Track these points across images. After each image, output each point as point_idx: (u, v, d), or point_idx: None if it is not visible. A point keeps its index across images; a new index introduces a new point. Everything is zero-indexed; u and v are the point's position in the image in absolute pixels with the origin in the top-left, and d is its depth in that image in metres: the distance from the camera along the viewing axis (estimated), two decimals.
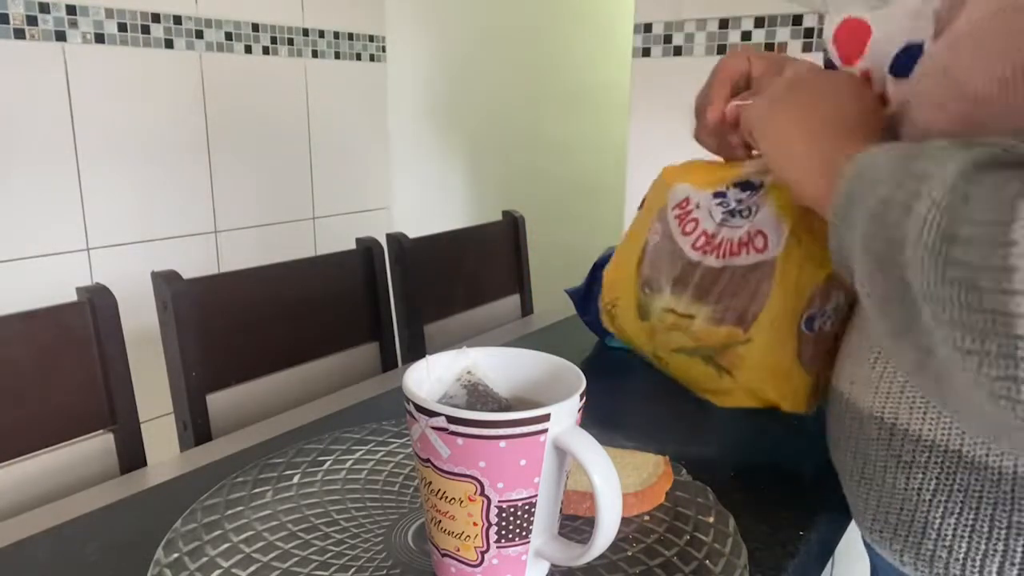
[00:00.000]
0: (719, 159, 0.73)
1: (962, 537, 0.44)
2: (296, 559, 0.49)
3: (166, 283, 0.86)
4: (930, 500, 0.46)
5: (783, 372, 0.63)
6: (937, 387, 0.38)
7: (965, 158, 0.36)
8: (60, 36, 1.54)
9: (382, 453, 0.64)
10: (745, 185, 0.66)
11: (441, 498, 0.43)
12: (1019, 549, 0.42)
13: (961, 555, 0.44)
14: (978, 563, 0.43)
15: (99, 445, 0.79)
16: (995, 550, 0.43)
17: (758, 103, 0.56)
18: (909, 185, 0.37)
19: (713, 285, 0.66)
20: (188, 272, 0.89)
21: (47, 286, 1.58)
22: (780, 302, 0.62)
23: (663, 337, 0.69)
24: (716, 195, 0.67)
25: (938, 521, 0.45)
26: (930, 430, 0.46)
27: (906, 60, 0.55)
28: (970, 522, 0.44)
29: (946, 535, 0.45)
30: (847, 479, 0.54)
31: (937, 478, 0.45)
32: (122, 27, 1.64)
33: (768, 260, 0.63)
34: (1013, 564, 0.42)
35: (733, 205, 0.66)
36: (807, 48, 1.45)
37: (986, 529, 0.43)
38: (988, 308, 0.32)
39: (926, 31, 0.54)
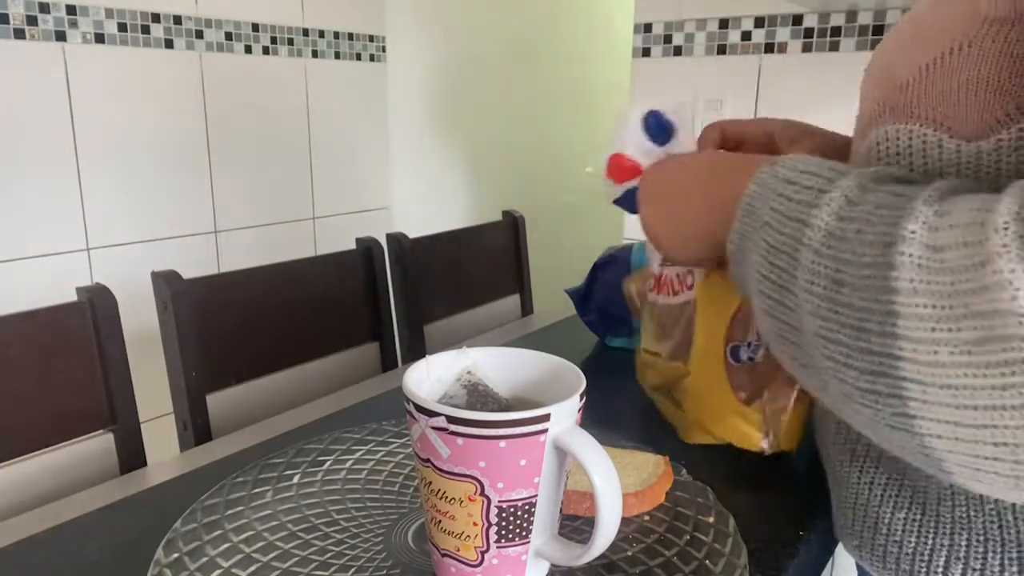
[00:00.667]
0: None
1: (910, 532, 0.45)
2: (296, 559, 0.49)
3: (166, 283, 0.86)
4: (881, 495, 0.46)
5: (720, 405, 0.64)
6: (838, 410, 0.39)
7: (837, 196, 0.36)
8: (60, 36, 1.54)
9: (382, 453, 0.64)
10: None
11: (441, 498, 0.43)
12: (963, 544, 0.42)
13: (910, 550, 0.45)
14: (926, 558, 0.44)
15: (99, 445, 0.79)
16: (942, 545, 0.43)
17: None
18: (788, 228, 0.38)
19: (666, 322, 0.69)
20: (188, 272, 0.89)
21: (47, 286, 1.58)
22: (703, 334, 0.65)
23: (648, 376, 0.74)
24: None
25: (888, 516, 0.46)
26: None
27: (655, 123, 0.62)
28: (918, 517, 0.44)
29: (896, 530, 0.45)
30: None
31: (888, 474, 0.46)
32: (122, 27, 1.64)
33: (693, 296, 0.66)
34: (959, 559, 0.42)
35: None
36: (807, 48, 1.45)
37: (933, 524, 0.43)
38: (876, 351, 0.33)
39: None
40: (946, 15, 0.39)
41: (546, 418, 0.41)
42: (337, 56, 2.11)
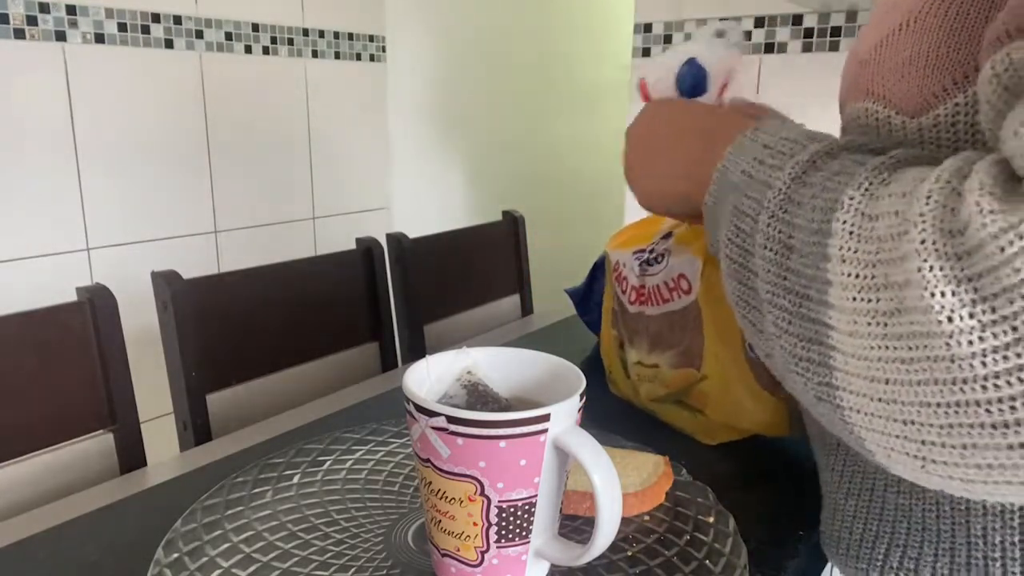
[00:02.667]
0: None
1: (859, 519, 0.45)
2: (296, 559, 0.49)
3: (166, 283, 0.86)
4: (839, 480, 0.47)
5: (749, 401, 0.64)
6: (781, 378, 0.39)
7: (800, 161, 0.36)
8: (60, 36, 1.54)
9: (382, 453, 0.64)
10: (667, 236, 0.70)
11: (441, 498, 0.43)
12: (903, 532, 0.43)
13: (857, 536, 0.45)
14: (870, 544, 0.45)
15: (99, 445, 0.79)
16: (884, 532, 0.44)
17: (625, 154, 0.57)
18: (754, 192, 0.38)
19: (660, 333, 0.68)
20: (188, 272, 0.89)
21: (47, 286, 1.58)
22: (714, 337, 0.64)
23: (644, 389, 0.72)
24: (636, 252, 0.72)
25: (842, 501, 0.47)
26: None
27: (691, 78, 0.59)
28: (865, 504, 0.45)
29: (847, 516, 0.46)
30: None
31: (844, 460, 0.47)
32: (122, 27, 1.64)
33: (694, 300, 0.65)
34: (898, 546, 0.43)
35: (646, 256, 0.70)
36: (807, 48, 1.45)
37: (878, 511, 0.44)
38: (813, 317, 0.33)
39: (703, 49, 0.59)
40: None
41: (546, 418, 0.41)
42: (337, 56, 2.11)
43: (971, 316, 0.26)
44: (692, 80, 0.60)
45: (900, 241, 0.29)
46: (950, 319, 0.27)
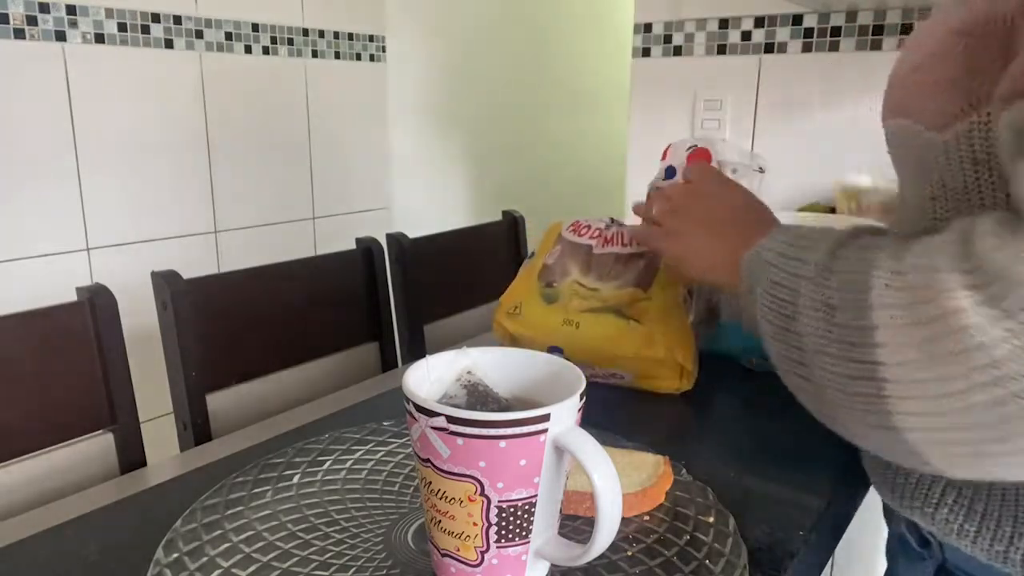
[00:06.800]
0: None
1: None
2: (296, 559, 0.49)
3: (166, 283, 0.86)
4: None
5: (680, 328, 0.77)
6: (831, 419, 0.45)
7: (829, 243, 0.45)
8: (60, 36, 1.54)
9: (382, 453, 0.64)
10: None
11: (441, 498, 0.43)
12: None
13: (914, 480, 0.50)
14: (926, 486, 0.50)
15: (99, 445, 0.79)
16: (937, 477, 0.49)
17: (657, 233, 0.68)
18: (790, 267, 0.47)
19: (615, 267, 0.81)
20: (188, 272, 0.89)
21: (47, 286, 1.58)
22: (664, 275, 0.79)
23: (574, 304, 0.81)
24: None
25: None
26: None
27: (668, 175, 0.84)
28: None
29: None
30: None
31: None
32: (122, 27, 1.64)
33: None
34: (953, 487, 0.48)
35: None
36: (807, 48, 1.45)
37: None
38: (859, 359, 0.40)
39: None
40: (935, 24, 0.47)
41: (546, 418, 0.41)
42: (337, 56, 2.11)
43: (1003, 328, 0.33)
44: (669, 172, 0.85)
45: (931, 284, 0.36)
46: (985, 333, 0.34)
